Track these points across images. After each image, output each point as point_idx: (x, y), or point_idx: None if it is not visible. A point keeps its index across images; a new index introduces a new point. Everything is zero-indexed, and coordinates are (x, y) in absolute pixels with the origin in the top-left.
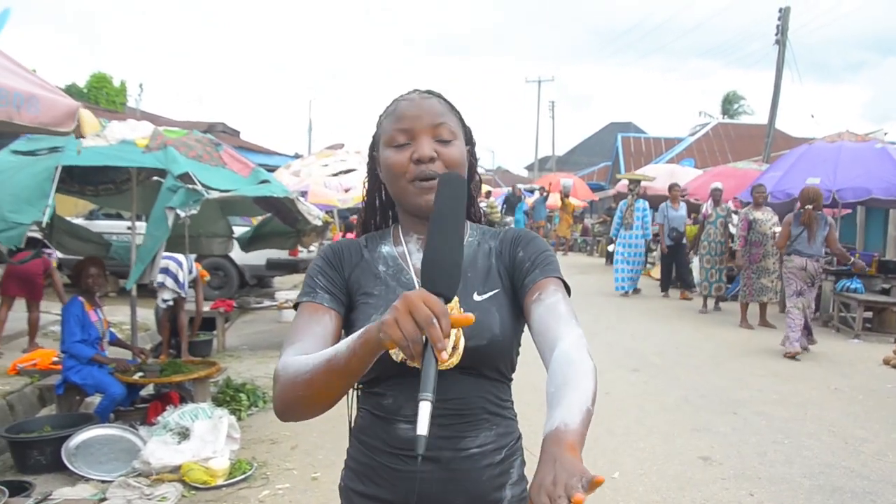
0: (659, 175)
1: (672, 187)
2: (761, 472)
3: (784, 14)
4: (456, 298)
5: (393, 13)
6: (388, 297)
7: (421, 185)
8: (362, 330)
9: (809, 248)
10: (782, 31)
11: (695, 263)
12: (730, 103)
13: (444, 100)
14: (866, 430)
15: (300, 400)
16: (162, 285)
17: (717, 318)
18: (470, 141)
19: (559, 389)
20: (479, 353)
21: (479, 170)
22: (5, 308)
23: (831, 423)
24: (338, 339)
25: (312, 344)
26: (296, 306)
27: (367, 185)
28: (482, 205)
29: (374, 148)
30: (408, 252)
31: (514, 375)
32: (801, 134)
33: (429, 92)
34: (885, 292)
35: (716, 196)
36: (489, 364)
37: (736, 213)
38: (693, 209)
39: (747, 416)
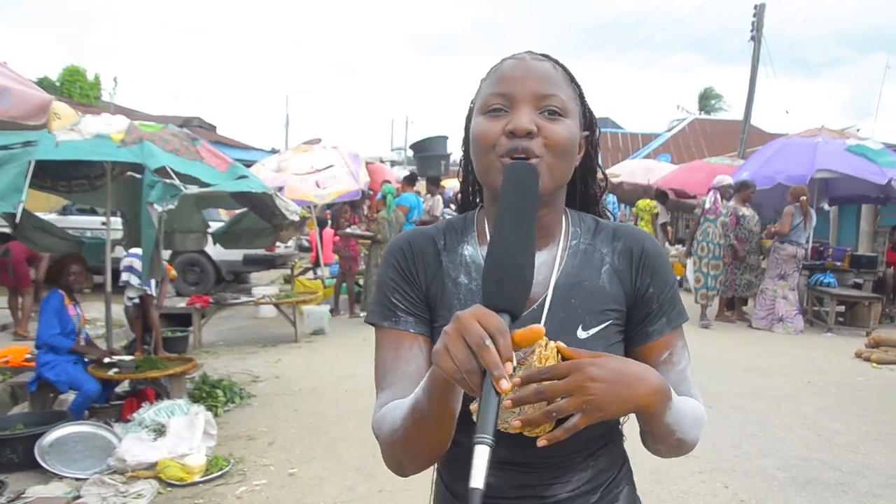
0: (634, 171)
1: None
2: (736, 465)
3: (759, 11)
4: (554, 341)
5: (373, 9)
6: None
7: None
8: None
9: (802, 236)
10: (758, 27)
11: (688, 265)
12: (707, 99)
13: (562, 67)
14: (839, 423)
15: (406, 458)
16: (127, 283)
17: (692, 312)
18: (590, 127)
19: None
20: None
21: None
22: (14, 297)
23: (805, 416)
24: None
25: (403, 388)
26: (371, 323)
27: (461, 162)
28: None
29: (469, 117)
30: None
31: None
32: (776, 130)
33: (544, 55)
34: (858, 287)
35: (727, 193)
36: None
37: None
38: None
39: (723, 410)
